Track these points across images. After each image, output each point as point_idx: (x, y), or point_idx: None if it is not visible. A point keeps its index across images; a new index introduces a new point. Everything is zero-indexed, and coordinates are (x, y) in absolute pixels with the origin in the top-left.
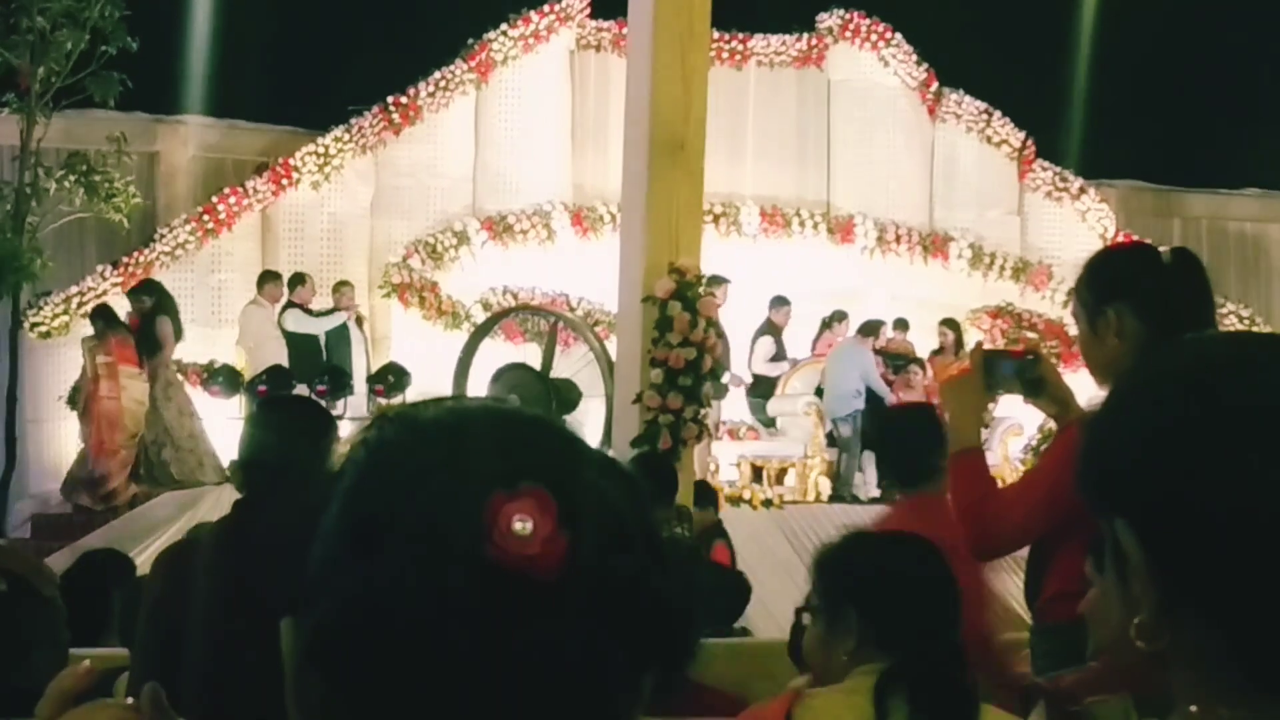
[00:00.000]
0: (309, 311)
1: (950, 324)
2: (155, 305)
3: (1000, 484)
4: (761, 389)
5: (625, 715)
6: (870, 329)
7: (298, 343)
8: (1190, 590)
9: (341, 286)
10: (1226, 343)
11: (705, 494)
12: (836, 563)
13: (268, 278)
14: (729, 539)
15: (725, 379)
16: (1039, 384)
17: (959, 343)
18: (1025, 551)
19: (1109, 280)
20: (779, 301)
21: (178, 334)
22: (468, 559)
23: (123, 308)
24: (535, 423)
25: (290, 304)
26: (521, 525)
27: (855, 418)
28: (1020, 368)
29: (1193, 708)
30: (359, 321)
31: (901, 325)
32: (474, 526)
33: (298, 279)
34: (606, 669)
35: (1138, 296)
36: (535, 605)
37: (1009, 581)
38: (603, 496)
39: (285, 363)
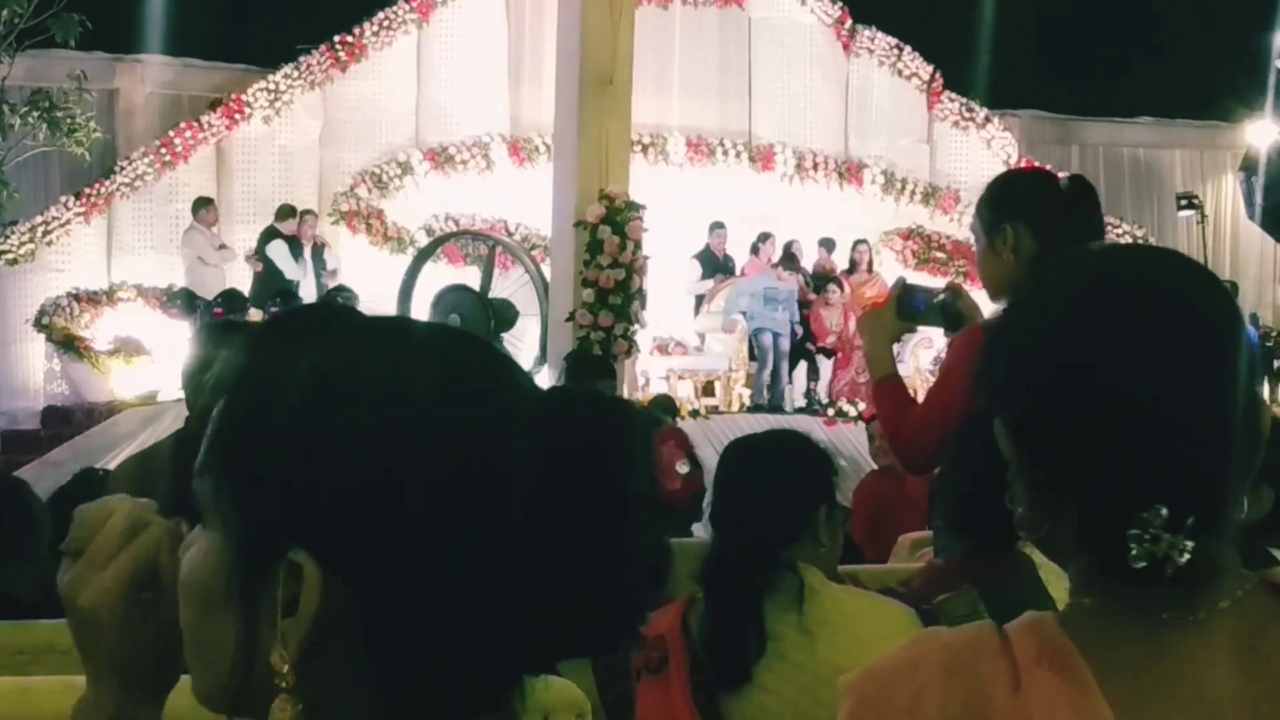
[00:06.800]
0: (296, 254)
1: (861, 244)
2: None
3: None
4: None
5: None
6: (762, 238)
7: (269, 270)
8: (1058, 485)
9: (305, 215)
10: (1111, 257)
11: (667, 406)
12: None
13: (201, 204)
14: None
15: None
16: (959, 318)
17: (870, 262)
18: None
19: (1010, 200)
20: (715, 226)
21: None
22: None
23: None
24: (457, 334)
25: (276, 233)
26: None
27: (770, 332)
28: (942, 303)
29: (1085, 599)
30: (315, 249)
31: (827, 245)
32: (440, 435)
33: (288, 211)
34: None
35: (1034, 216)
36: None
37: None
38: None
39: (217, 285)
